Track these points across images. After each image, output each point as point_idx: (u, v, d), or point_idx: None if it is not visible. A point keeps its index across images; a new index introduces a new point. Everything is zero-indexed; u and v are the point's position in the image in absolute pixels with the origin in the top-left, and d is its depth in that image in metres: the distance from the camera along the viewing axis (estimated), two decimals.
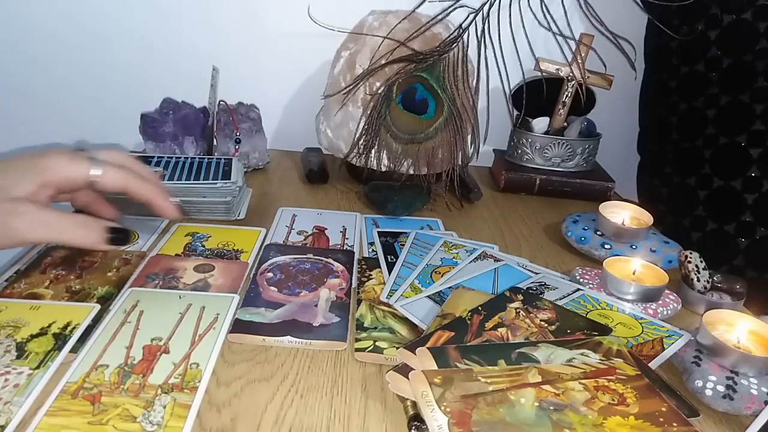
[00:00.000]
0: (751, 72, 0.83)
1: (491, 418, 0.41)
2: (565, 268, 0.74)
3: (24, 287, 0.59)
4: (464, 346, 0.49)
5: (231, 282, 0.63)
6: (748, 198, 0.85)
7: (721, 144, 0.87)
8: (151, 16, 1.07)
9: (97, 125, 1.14)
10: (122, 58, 1.09)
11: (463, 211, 0.90)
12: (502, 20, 0.93)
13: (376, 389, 0.49)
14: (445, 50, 0.86)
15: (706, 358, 0.53)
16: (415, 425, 0.43)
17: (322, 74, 0.98)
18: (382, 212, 0.85)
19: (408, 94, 0.87)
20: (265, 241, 0.74)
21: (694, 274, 0.67)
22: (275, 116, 1.16)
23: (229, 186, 0.78)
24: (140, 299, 0.58)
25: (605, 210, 0.78)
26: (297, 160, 1.07)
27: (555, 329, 0.54)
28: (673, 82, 0.94)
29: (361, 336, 0.55)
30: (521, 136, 1.01)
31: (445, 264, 0.69)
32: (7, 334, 0.51)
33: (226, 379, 0.49)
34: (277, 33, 1.09)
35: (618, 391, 0.45)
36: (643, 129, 1.06)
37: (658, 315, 0.62)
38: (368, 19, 0.90)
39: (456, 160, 0.89)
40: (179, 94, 0.97)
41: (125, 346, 0.51)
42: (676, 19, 0.91)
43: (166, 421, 0.43)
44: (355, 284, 0.65)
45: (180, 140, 0.92)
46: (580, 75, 0.97)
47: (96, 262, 0.64)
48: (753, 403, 0.49)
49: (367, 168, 0.89)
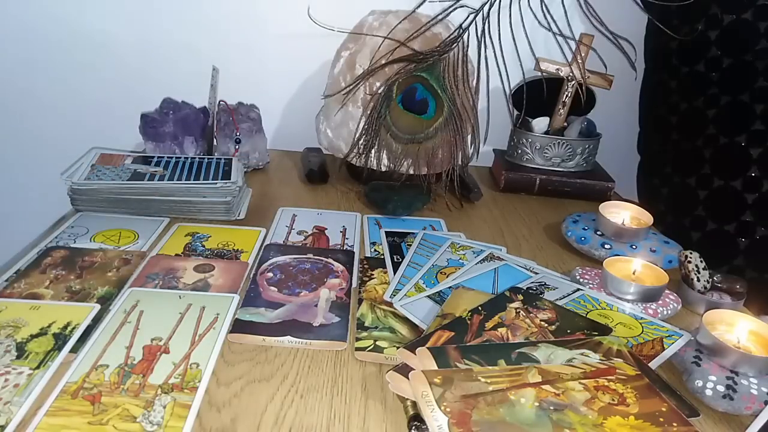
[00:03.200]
0: (751, 72, 0.83)
1: (491, 418, 0.41)
2: (565, 268, 0.74)
3: (24, 287, 0.59)
4: (464, 346, 0.49)
5: (231, 282, 0.63)
6: (748, 198, 0.85)
7: (721, 144, 0.87)
8: (151, 16, 1.07)
9: (97, 125, 1.14)
10: (122, 57, 1.09)
11: (463, 211, 0.90)
12: (502, 20, 0.93)
13: (376, 389, 0.49)
14: (445, 50, 0.86)
15: (706, 358, 0.53)
16: (415, 425, 0.43)
17: (322, 74, 0.98)
18: (382, 212, 0.85)
19: (408, 94, 0.87)
20: (265, 241, 0.74)
21: (694, 274, 0.67)
22: (275, 116, 1.16)
23: (229, 186, 0.78)
24: (140, 299, 0.58)
25: (605, 210, 0.78)
26: (297, 160, 1.07)
27: (555, 329, 0.54)
28: (673, 82, 0.94)
29: (362, 335, 0.55)
30: (521, 136, 1.01)
31: (451, 265, 0.69)
32: (7, 334, 0.51)
33: (226, 379, 0.49)
34: (277, 33, 1.09)
35: (618, 391, 0.45)
36: (643, 129, 1.06)
37: (658, 315, 0.62)
38: (368, 19, 0.90)
39: (456, 160, 0.89)
40: (179, 94, 0.97)
41: (125, 346, 0.51)
42: (676, 19, 0.91)
43: (166, 421, 0.43)
44: (356, 284, 0.65)
45: (180, 140, 0.92)
46: (580, 75, 0.97)
47: (96, 262, 0.64)
48: (753, 403, 0.49)
49: (367, 168, 0.89)
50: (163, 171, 0.80)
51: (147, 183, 0.77)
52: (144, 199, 0.77)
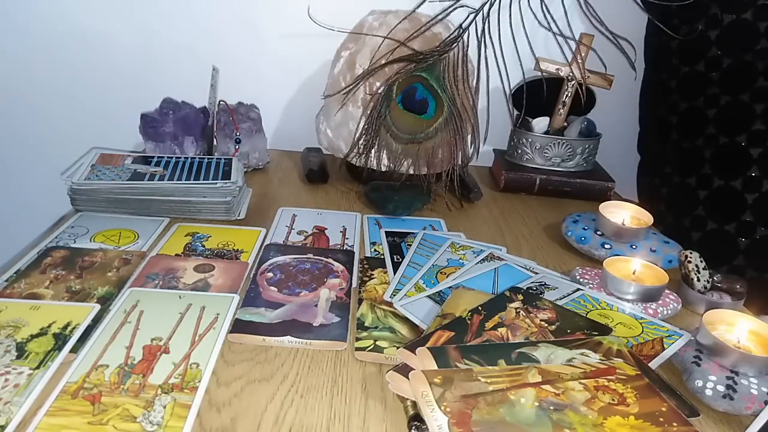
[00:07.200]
0: (751, 72, 0.83)
1: (491, 418, 0.41)
2: (565, 268, 0.74)
3: (24, 287, 0.59)
4: (464, 346, 0.49)
5: (231, 282, 0.63)
6: (749, 198, 0.85)
7: (721, 144, 0.87)
8: (151, 16, 1.07)
9: (97, 125, 1.14)
10: (122, 58, 1.09)
11: (463, 211, 0.90)
12: (502, 20, 0.93)
13: (376, 389, 0.49)
14: (445, 50, 0.86)
15: (706, 358, 0.53)
16: (415, 425, 0.43)
17: (322, 74, 0.98)
18: (382, 212, 0.85)
19: (408, 94, 0.87)
20: (265, 241, 0.74)
21: (694, 274, 0.67)
22: (275, 116, 1.16)
23: (229, 186, 0.78)
24: (140, 299, 0.58)
25: (605, 210, 0.78)
26: (297, 160, 1.07)
27: (555, 329, 0.54)
28: (673, 82, 0.94)
29: (362, 335, 0.55)
30: (521, 136, 1.01)
31: (451, 265, 0.69)
32: (7, 334, 0.51)
33: (226, 379, 0.49)
34: (277, 33, 1.09)
35: (618, 391, 0.45)
36: (643, 129, 1.06)
37: (658, 315, 0.62)
38: (368, 19, 0.90)
39: (456, 160, 0.89)
40: (179, 94, 0.97)
41: (125, 346, 0.51)
42: (676, 19, 0.91)
43: (166, 421, 0.43)
44: (356, 284, 0.65)
45: (180, 140, 0.92)
46: (580, 75, 0.97)
47: (96, 262, 0.64)
48: (753, 403, 0.49)
49: (367, 168, 0.89)
50: (163, 171, 0.80)
51: (147, 183, 0.77)
52: (144, 199, 0.77)
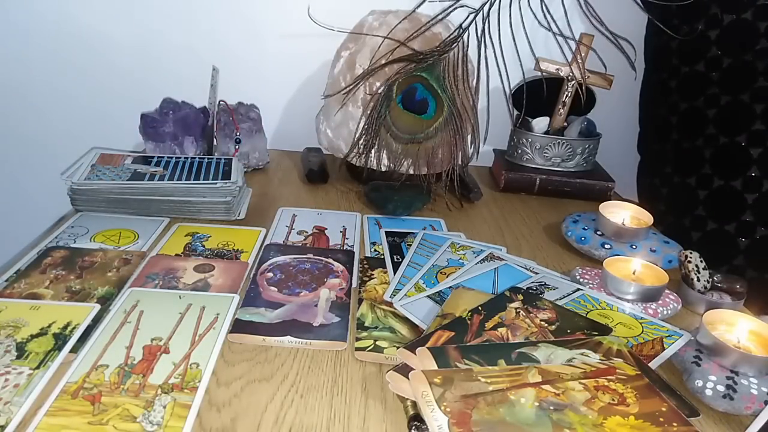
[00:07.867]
0: (751, 72, 0.83)
1: (491, 418, 0.41)
2: (565, 268, 0.74)
3: (24, 287, 0.59)
4: (464, 346, 0.49)
5: (231, 282, 0.63)
6: (749, 198, 0.85)
7: (721, 144, 0.87)
8: (151, 16, 1.07)
9: (97, 125, 1.14)
10: (122, 57, 1.09)
11: (463, 211, 0.90)
12: (502, 20, 0.93)
13: (376, 389, 0.49)
14: (445, 50, 0.86)
15: (706, 358, 0.53)
16: (415, 425, 0.43)
17: (322, 74, 0.98)
18: (382, 212, 0.85)
19: (408, 94, 0.87)
20: (265, 241, 0.74)
21: (694, 274, 0.67)
22: (275, 116, 1.16)
23: (229, 186, 0.78)
24: (140, 299, 0.58)
25: (605, 210, 0.78)
26: (297, 160, 1.07)
27: (555, 329, 0.54)
28: (673, 82, 0.94)
29: (362, 335, 0.55)
30: (521, 136, 1.00)
31: (451, 265, 0.69)
32: (7, 334, 0.51)
33: (226, 379, 0.49)
34: (277, 33, 1.09)
35: (618, 391, 0.45)
36: (643, 129, 1.06)
37: (658, 315, 0.62)
38: (368, 19, 0.90)
39: (456, 160, 0.89)
40: (179, 94, 0.97)
41: (125, 346, 0.51)
42: (676, 19, 0.91)
43: (166, 421, 0.43)
44: (356, 284, 0.65)
45: (180, 140, 0.92)
46: (580, 75, 0.97)
47: (96, 262, 0.64)
48: (753, 403, 0.49)
49: (367, 168, 0.89)
50: (163, 171, 0.80)
51: (147, 183, 0.77)
52: (144, 199, 0.77)
